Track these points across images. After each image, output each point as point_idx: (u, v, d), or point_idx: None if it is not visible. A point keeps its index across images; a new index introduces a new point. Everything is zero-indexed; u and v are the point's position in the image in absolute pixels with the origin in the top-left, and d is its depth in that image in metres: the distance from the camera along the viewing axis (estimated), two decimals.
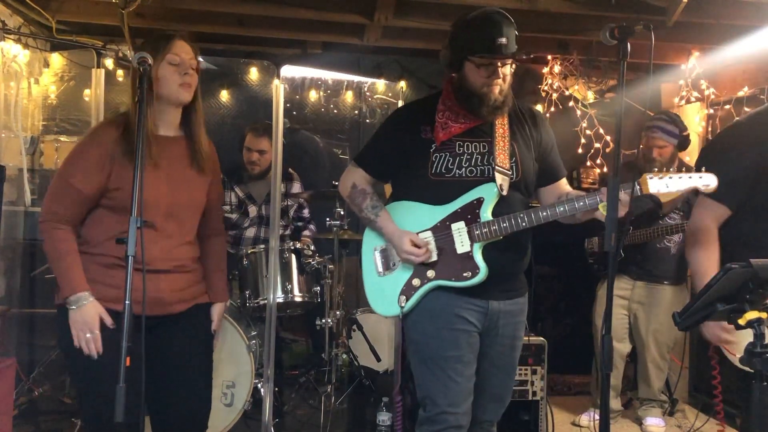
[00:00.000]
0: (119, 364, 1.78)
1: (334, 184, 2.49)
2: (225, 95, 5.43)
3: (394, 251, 2.34)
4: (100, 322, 2.09)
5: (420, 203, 2.31)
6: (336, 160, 5.56)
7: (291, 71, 5.32)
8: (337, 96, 5.59)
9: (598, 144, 4.90)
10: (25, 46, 4.34)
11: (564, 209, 2.17)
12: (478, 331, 2.26)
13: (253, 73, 5.43)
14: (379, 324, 4.27)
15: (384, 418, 3.57)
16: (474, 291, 2.23)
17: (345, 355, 4.20)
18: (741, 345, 1.80)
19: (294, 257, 3.70)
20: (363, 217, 2.40)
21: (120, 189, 2.12)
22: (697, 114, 4.62)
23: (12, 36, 4.10)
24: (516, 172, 2.27)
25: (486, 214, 2.21)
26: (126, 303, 1.81)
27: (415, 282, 2.27)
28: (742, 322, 1.75)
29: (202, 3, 4.11)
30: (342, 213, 3.95)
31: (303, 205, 4.44)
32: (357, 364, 4.16)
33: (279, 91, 3.12)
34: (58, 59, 4.85)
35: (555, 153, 2.43)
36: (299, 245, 3.77)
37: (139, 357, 1.90)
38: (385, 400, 3.62)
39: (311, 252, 3.80)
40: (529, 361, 3.35)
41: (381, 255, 2.38)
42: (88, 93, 4.79)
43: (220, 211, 2.52)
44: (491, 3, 2.21)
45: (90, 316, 2.08)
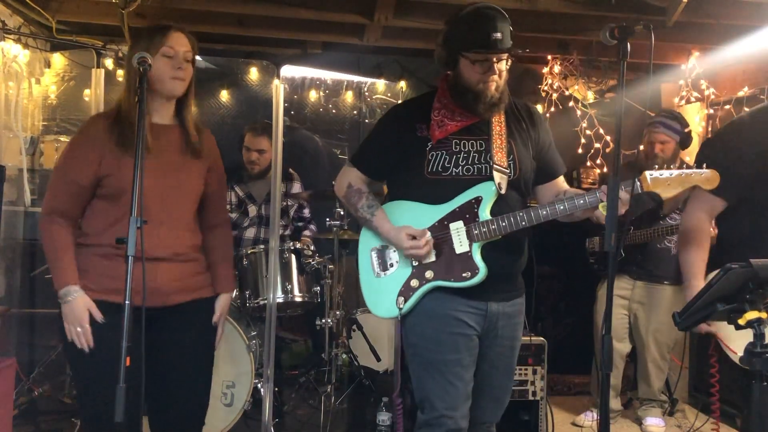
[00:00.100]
0: (119, 363, 1.77)
1: (333, 184, 2.47)
2: (225, 95, 5.43)
3: (390, 252, 2.30)
4: (110, 320, 2.06)
5: (417, 202, 2.26)
6: (336, 160, 5.56)
7: (291, 71, 5.32)
8: (337, 96, 5.58)
9: (598, 144, 4.90)
10: (26, 46, 4.34)
11: (564, 207, 2.12)
12: (477, 334, 2.23)
13: (253, 73, 5.43)
14: (379, 324, 4.27)
15: (384, 418, 3.56)
16: (473, 293, 2.19)
17: (345, 355, 4.20)
18: (741, 344, 1.81)
19: (294, 257, 3.70)
20: (359, 217, 2.36)
21: (110, 175, 2.13)
22: (697, 114, 4.62)
23: (12, 36, 4.11)
24: (514, 170, 2.24)
25: (484, 213, 2.17)
26: (126, 303, 1.80)
27: (414, 283, 2.23)
28: (742, 322, 1.76)
29: (202, 3, 4.11)
30: (342, 213, 3.95)
31: (303, 205, 4.44)
32: (357, 364, 4.16)
33: (279, 91, 3.12)
34: (58, 59, 4.85)
35: (553, 150, 2.39)
36: (299, 245, 3.77)
37: (139, 353, 1.88)
38: (385, 400, 3.61)
39: (311, 252, 3.81)
40: (529, 361, 3.34)
41: (378, 256, 2.33)
42: (88, 93, 4.79)
43: (223, 201, 2.48)
44: (491, 2, 2.19)
45: (79, 310, 2.08)
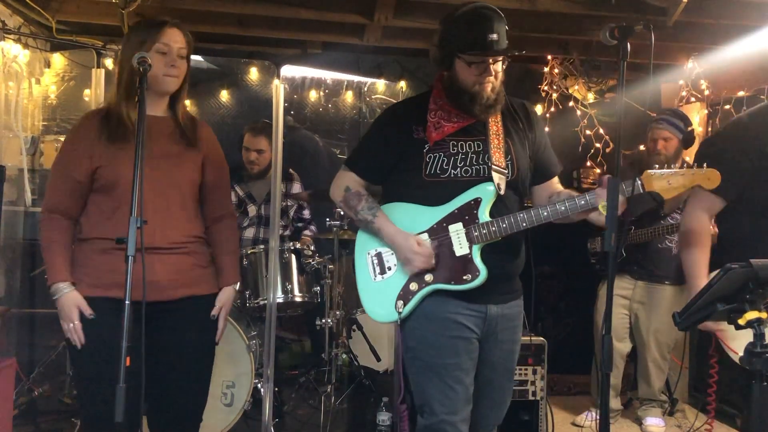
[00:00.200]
0: (119, 362, 1.77)
1: None
2: (225, 95, 5.43)
3: (388, 254, 2.25)
4: (108, 318, 2.07)
5: (415, 205, 2.22)
6: (336, 160, 5.56)
7: (291, 71, 5.32)
8: (337, 96, 5.58)
9: (598, 144, 4.91)
10: (26, 46, 4.33)
11: (565, 208, 2.09)
12: (477, 337, 2.20)
13: (253, 73, 5.43)
14: (379, 324, 4.21)
15: (384, 418, 3.56)
16: (472, 295, 2.16)
17: (345, 355, 4.20)
18: (742, 344, 1.81)
19: (294, 257, 3.70)
20: (359, 220, 2.29)
21: (102, 166, 2.14)
22: (697, 114, 4.62)
23: (12, 36, 4.11)
24: (512, 170, 2.21)
25: (484, 214, 2.14)
26: (126, 303, 1.80)
27: (413, 286, 2.19)
28: (742, 322, 1.75)
29: (202, 3, 4.11)
30: (342, 213, 3.95)
31: (303, 206, 4.44)
32: (357, 364, 4.16)
33: (279, 91, 3.12)
34: (58, 59, 4.85)
35: (549, 150, 2.36)
36: (299, 245, 3.77)
37: (139, 351, 1.88)
38: (385, 400, 3.61)
39: (311, 252, 3.81)
40: (529, 361, 3.34)
41: (376, 259, 2.27)
42: (88, 93, 4.79)
43: (225, 193, 2.43)
44: (491, 3, 2.18)
45: (68, 306, 2.10)
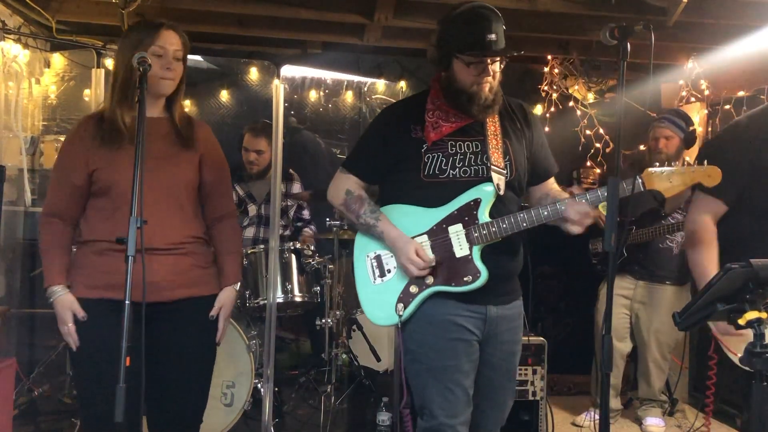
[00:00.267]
0: (118, 362, 1.77)
1: None
2: (225, 95, 5.43)
3: (388, 257, 2.23)
4: (108, 318, 2.07)
5: (413, 206, 2.21)
6: (336, 160, 5.55)
7: (291, 71, 5.32)
8: (337, 96, 5.58)
9: (598, 144, 4.91)
10: (25, 46, 4.33)
11: (564, 207, 2.09)
12: (477, 339, 2.19)
13: (253, 73, 5.43)
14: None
15: (384, 418, 3.56)
16: (472, 297, 2.15)
17: (345, 355, 4.20)
18: (741, 344, 1.81)
19: (294, 257, 3.70)
20: (361, 224, 2.27)
21: (98, 169, 2.15)
22: (697, 114, 4.62)
23: (12, 36, 4.11)
24: (510, 170, 2.20)
25: (484, 215, 2.13)
26: (126, 303, 1.80)
27: (413, 289, 2.17)
28: (742, 322, 1.75)
29: (202, 3, 4.11)
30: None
31: (303, 206, 4.44)
32: (357, 364, 4.16)
33: (279, 91, 3.12)
34: (58, 59, 4.85)
35: (546, 150, 2.36)
36: (299, 245, 3.77)
37: (139, 352, 1.88)
38: (385, 400, 3.61)
39: (311, 252, 3.81)
40: (529, 361, 3.34)
41: (375, 262, 2.26)
42: (88, 93, 4.79)
43: (226, 192, 2.41)
44: (491, 3, 2.18)
45: (62, 309, 2.12)
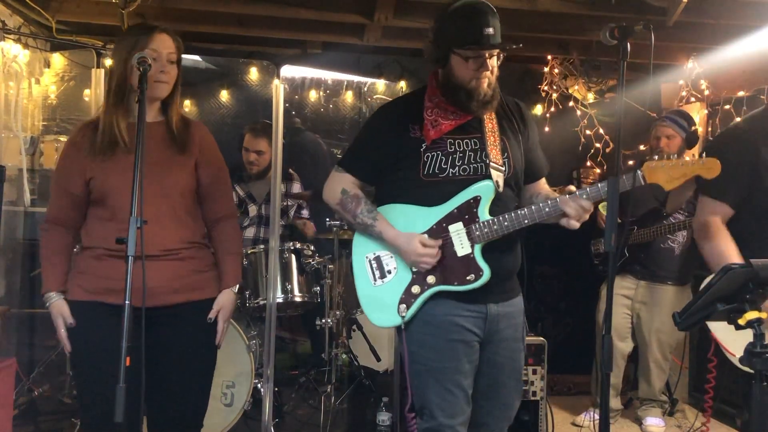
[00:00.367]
0: (118, 364, 1.77)
1: None
2: (225, 95, 5.43)
3: (388, 258, 2.21)
4: (107, 321, 2.09)
5: (412, 205, 2.19)
6: (335, 160, 5.54)
7: (291, 71, 5.32)
8: (337, 96, 5.58)
9: (598, 144, 4.91)
10: (25, 46, 4.33)
11: (565, 204, 2.08)
12: (478, 340, 2.18)
13: (253, 73, 5.43)
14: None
15: (384, 418, 3.57)
16: (471, 296, 2.14)
17: (345, 355, 4.20)
18: (739, 346, 1.81)
19: (294, 257, 3.70)
20: (358, 224, 2.24)
21: (94, 178, 2.15)
22: (697, 114, 4.62)
23: (12, 36, 4.10)
24: (508, 167, 2.20)
25: (484, 213, 2.12)
26: (126, 303, 1.81)
27: (415, 289, 2.15)
28: (742, 322, 1.75)
29: (202, 3, 4.11)
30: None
31: (302, 206, 4.44)
32: (357, 364, 4.16)
33: (279, 91, 3.12)
34: (58, 59, 4.85)
35: (539, 150, 2.35)
36: (299, 245, 3.77)
37: (139, 355, 1.89)
38: (385, 400, 3.61)
39: (311, 252, 3.81)
40: (529, 361, 3.33)
41: (375, 263, 2.23)
42: (88, 93, 4.79)
43: (224, 193, 2.39)
44: (492, 3, 2.18)
45: (54, 315, 2.17)
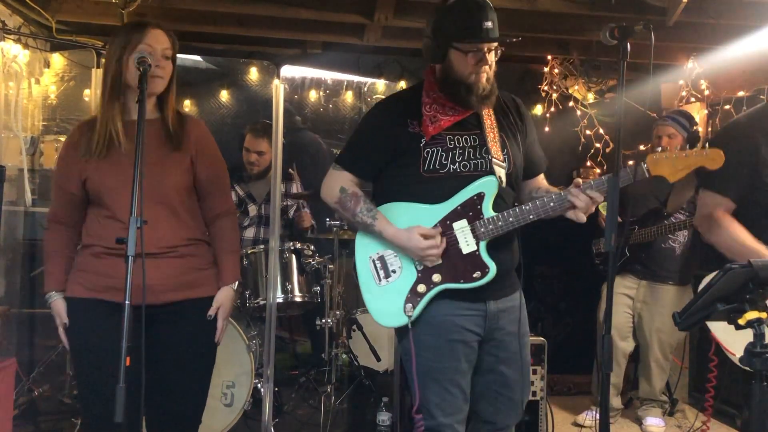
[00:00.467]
0: (118, 362, 1.77)
1: None
2: (225, 95, 5.43)
3: (392, 257, 2.19)
4: (105, 318, 2.11)
5: (414, 203, 2.17)
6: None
7: (291, 71, 5.33)
8: (337, 96, 5.58)
9: (598, 144, 4.91)
10: (25, 46, 4.33)
11: (572, 196, 2.07)
12: (478, 339, 2.18)
13: (253, 73, 5.43)
14: (380, 324, 4.26)
15: (384, 418, 3.56)
16: (471, 294, 2.13)
17: (345, 355, 4.20)
18: (739, 346, 1.81)
19: (294, 257, 3.70)
20: (357, 222, 2.22)
21: (89, 179, 2.17)
22: (697, 114, 4.62)
23: (12, 36, 4.10)
24: (509, 163, 2.19)
25: (488, 209, 2.11)
26: (126, 303, 1.81)
27: (421, 288, 2.13)
28: (742, 322, 1.75)
29: (202, 3, 4.11)
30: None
31: (303, 205, 4.44)
32: (357, 364, 4.16)
33: (279, 91, 3.12)
34: (58, 59, 4.85)
35: (537, 145, 2.35)
36: (299, 245, 3.77)
37: (139, 354, 1.90)
38: (385, 400, 3.61)
39: (311, 252, 3.80)
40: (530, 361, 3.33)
41: (379, 263, 2.20)
42: (88, 93, 4.79)
43: (222, 190, 2.37)
44: (493, 2, 2.17)
45: (54, 313, 2.21)
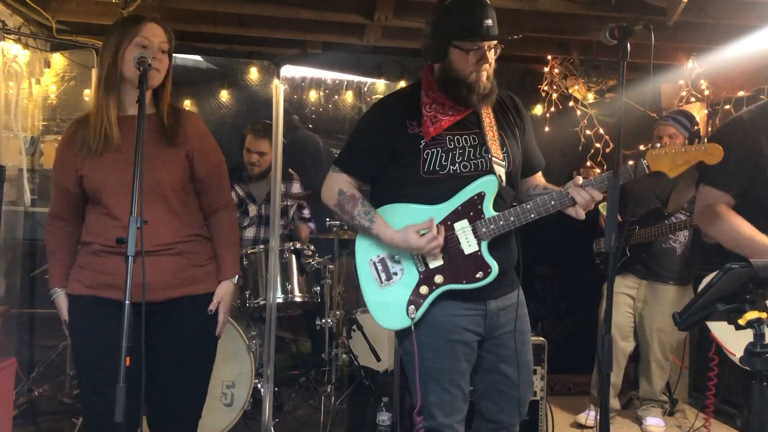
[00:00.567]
0: (118, 361, 1.77)
1: None
2: (225, 95, 5.44)
3: (393, 260, 2.19)
4: (105, 316, 2.13)
5: (414, 204, 2.16)
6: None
7: (291, 71, 5.33)
8: (337, 96, 5.58)
9: (598, 144, 4.91)
10: (26, 46, 4.33)
11: (573, 193, 2.08)
12: (478, 338, 2.19)
13: (253, 73, 5.43)
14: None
15: (384, 418, 3.56)
16: (472, 295, 2.13)
17: (345, 355, 4.20)
18: (739, 345, 1.81)
19: (294, 257, 3.70)
20: (355, 225, 2.22)
21: (85, 176, 2.17)
22: (697, 114, 4.62)
23: (12, 36, 4.10)
24: (508, 162, 2.18)
25: (489, 209, 2.11)
26: (126, 303, 1.81)
27: (423, 290, 2.14)
28: (742, 322, 1.75)
29: (202, 3, 4.11)
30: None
31: (303, 205, 4.44)
32: (357, 364, 4.16)
33: (279, 91, 3.12)
34: (58, 59, 4.85)
35: (534, 143, 2.35)
36: (299, 245, 3.77)
37: (139, 353, 1.91)
38: (385, 400, 3.61)
39: (311, 252, 3.81)
40: None
41: (380, 266, 2.20)
42: (88, 93, 4.79)
43: (220, 184, 2.35)
44: (493, 2, 2.17)
45: (57, 310, 2.24)
